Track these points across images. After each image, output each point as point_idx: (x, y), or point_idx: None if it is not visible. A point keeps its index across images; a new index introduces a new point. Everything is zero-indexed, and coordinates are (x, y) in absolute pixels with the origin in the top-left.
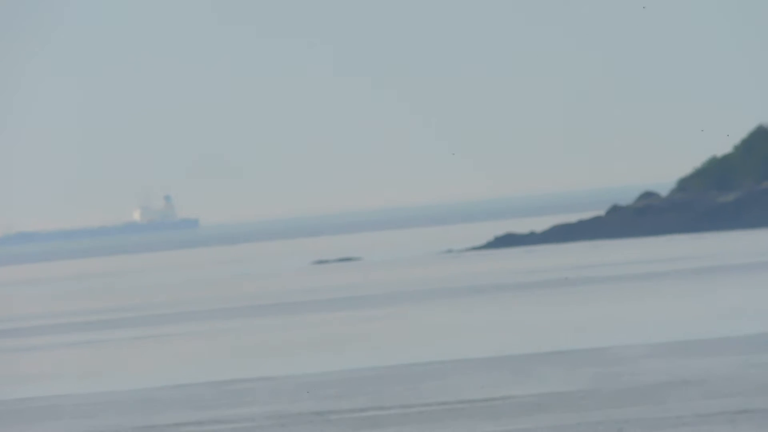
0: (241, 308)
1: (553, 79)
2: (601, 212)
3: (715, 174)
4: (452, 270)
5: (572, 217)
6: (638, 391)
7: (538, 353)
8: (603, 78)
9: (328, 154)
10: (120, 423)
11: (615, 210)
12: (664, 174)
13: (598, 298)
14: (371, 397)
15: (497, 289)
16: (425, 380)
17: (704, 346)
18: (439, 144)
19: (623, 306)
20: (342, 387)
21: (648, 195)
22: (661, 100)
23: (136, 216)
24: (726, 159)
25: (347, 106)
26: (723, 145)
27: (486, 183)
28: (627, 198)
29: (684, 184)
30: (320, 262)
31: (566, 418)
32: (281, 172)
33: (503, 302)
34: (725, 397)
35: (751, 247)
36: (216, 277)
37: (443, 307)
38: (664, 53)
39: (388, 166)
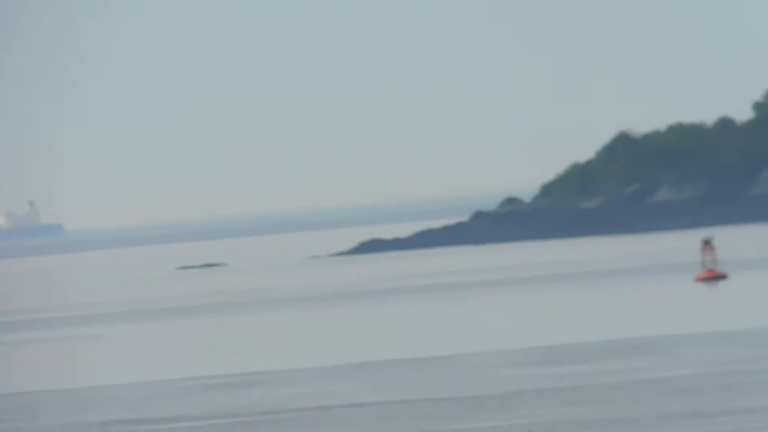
0: (98, 316)
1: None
2: (465, 218)
3: (577, 180)
4: (316, 276)
5: (437, 223)
6: (490, 398)
7: (393, 360)
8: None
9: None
10: None
11: (478, 216)
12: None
13: (454, 304)
14: (213, 404)
15: (360, 296)
16: (278, 387)
17: (558, 353)
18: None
19: (479, 312)
20: (194, 394)
21: (511, 201)
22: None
23: (1, 221)
24: (588, 165)
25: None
26: (585, 151)
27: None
28: (490, 204)
29: (547, 190)
30: (184, 268)
31: (413, 426)
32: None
33: (364, 308)
34: (576, 405)
35: (612, 253)
36: (77, 282)
37: (304, 313)
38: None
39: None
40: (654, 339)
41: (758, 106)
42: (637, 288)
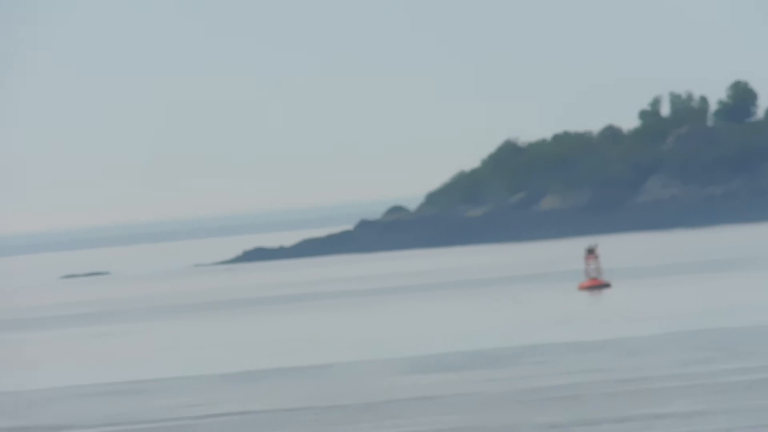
0: None
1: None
2: (350, 226)
3: (463, 188)
4: (200, 284)
5: (321, 232)
6: (370, 407)
7: (277, 368)
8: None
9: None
10: None
11: (364, 224)
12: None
13: (339, 312)
14: (98, 413)
15: (244, 304)
16: (163, 396)
17: (441, 362)
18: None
19: (363, 321)
20: (82, 402)
21: (396, 209)
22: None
23: None
24: (474, 173)
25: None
26: (471, 160)
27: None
28: (376, 212)
29: (432, 198)
30: (69, 276)
31: None
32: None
33: (249, 317)
34: (460, 413)
35: (497, 261)
36: None
37: (188, 322)
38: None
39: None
40: (536, 347)
41: (644, 115)
42: (521, 296)
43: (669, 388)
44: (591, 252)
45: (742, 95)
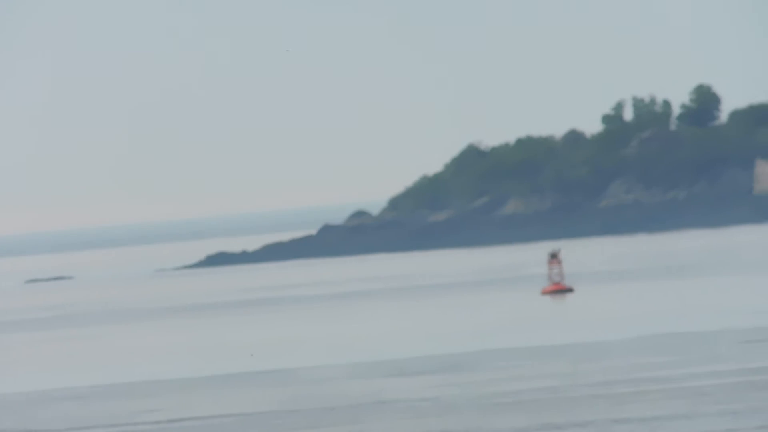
0: None
1: (259, 95)
2: (313, 231)
3: (426, 193)
4: (163, 289)
5: (284, 236)
6: (331, 411)
7: (233, 374)
8: (313, 94)
9: (41, 172)
10: None
11: (327, 229)
12: (375, 192)
13: (301, 317)
14: (63, 416)
15: (203, 309)
16: (116, 401)
17: (403, 366)
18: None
19: (326, 325)
20: (50, 406)
21: (360, 214)
22: (371, 118)
23: None
24: (437, 178)
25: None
26: (434, 164)
27: (196, 201)
28: (339, 217)
29: (395, 202)
30: (32, 281)
31: None
32: None
33: (211, 322)
34: (420, 418)
35: (460, 266)
36: None
37: (147, 327)
38: (377, 70)
39: (98, 185)
40: (499, 351)
41: (607, 119)
42: (484, 301)
43: (629, 392)
44: (554, 256)
45: (705, 99)
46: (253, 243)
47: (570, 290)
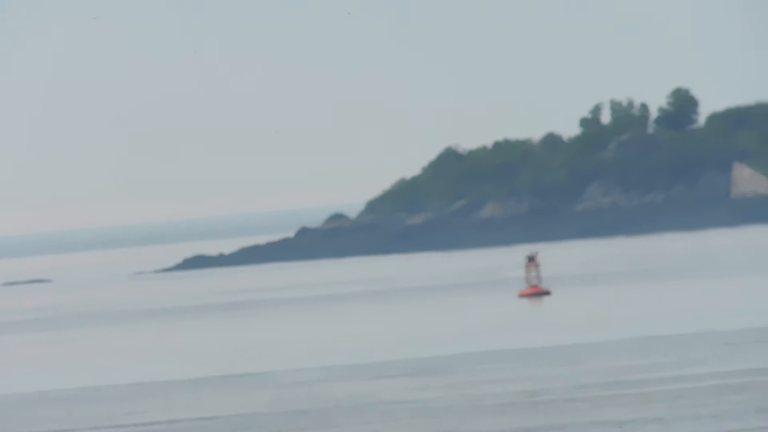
0: None
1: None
2: (291, 234)
3: (403, 195)
4: (141, 292)
5: (262, 239)
6: (306, 414)
7: (210, 377)
8: (290, 97)
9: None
10: None
11: (304, 232)
12: (353, 195)
13: (279, 320)
14: (41, 420)
15: (182, 312)
16: (92, 404)
17: (381, 369)
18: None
19: (303, 328)
20: (9, 410)
21: (337, 217)
22: (348, 120)
23: None
24: (414, 181)
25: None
26: (411, 167)
27: (173, 205)
28: (316, 219)
29: (373, 205)
30: (10, 283)
31: None
32: None
33: (185, 325)
34: (398, 420)
35: (438, 269)
36: None
37: (125, 330)
38: (354, 73)
39: (76, 188)
40: (476, 354)
41: (584, 122)
42: (462, 304)
43: (607, 395)
44: (531, 259)
45: (682, 102)
46: (230, 246)
47: (547, 293)
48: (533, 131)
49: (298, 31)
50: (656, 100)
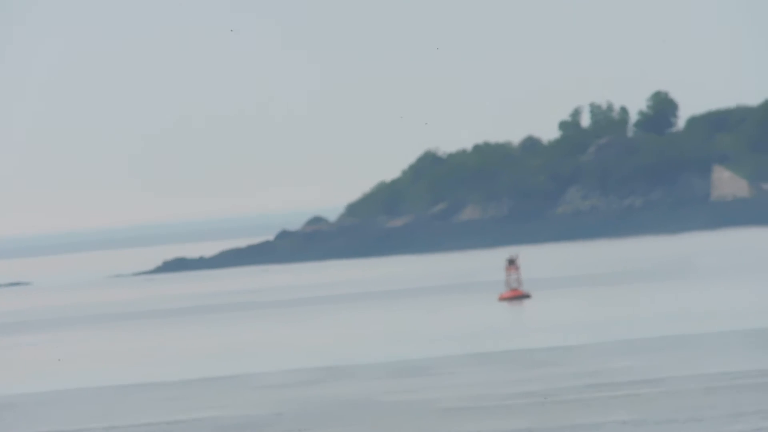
0: None
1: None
2: (271, 237)
3: (383, 199)
4: (120, 295)
5: (242, 242)
6: (284, 417)
7: (191, 379)
8: (269, 99)
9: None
10: None
11: (284, 235)
12: (333, 198)
13: (258, 323)
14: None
15: (159, 315)
16: (69, 407)
17: (359, 371)
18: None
19: (283, 331)
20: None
21: (317, 220)
22: (328, 123)
23: None
24: (394, 184)
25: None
26: (391, 170)
27: (153, 207)
28: (296, 223)
29: (353, 209)
30: None
31: None
32: None
33: (162, 328)
34: (374, 423)
35: (418, 271)
36: None
37: (103, 333)
38: (332, 75)
39: (55, 189)
40: (455, 358)
41: (564, 126)
42: (442, 307)
43: (582, 398)
44: (512, 262)
45: (662, 106)
46: (210, 249)
47: (527, 296)
48: (513, 135)
49: (277, 31)
50: (636, 104)
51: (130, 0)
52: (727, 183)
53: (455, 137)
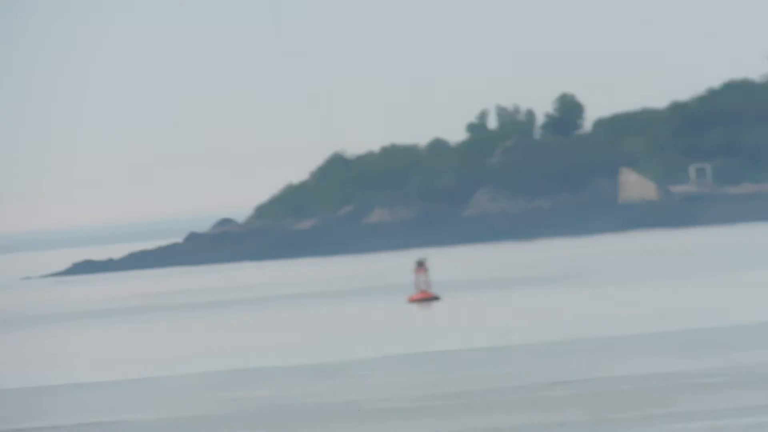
0: None
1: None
2: (179, 239)
3: (291, 201)
4: (28, 297)
5: (150, 245)
6: (192, 420)
7: (93, 383)
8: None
9: None
10: None
11: (193, 237)
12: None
13: (164, 325)
14: None
15: (67, 318)
16: None
17: (268, 375)
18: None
19: (189, 334)
20: None
21: (225, 222)
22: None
23: None
24: (302, 186)
25: None
26: (299, 172)
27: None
28: (205, 225)
29: (261, 210)
30: None
31: None
32: None
33: (69, 331)
34: (273, 426)
35: (326, 274)
36: None
37: (8, 335)
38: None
39: None
40: (363, 361)
41: (471, 128)
42: (350, 309)
43: (486, 402)
44: (420, 265)
45: (568, 108)
46: (119, 251)
47: (437, 298)
48: (420, 136)
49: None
50: (542, 106)
51: None
52: (634, 185)
53: (363, 139)
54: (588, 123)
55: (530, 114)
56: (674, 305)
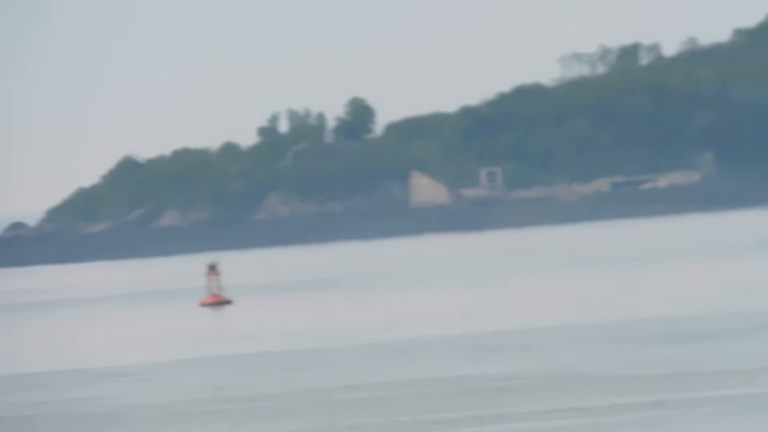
0: None
1: None
2: None
3: (83, 204)
4: None
5: None
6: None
7: None
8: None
9: None
10: None
11: None
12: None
13: None
14: None
15: None
16: None
17: (37, 380)
18: None
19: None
20: None
21: (16, 225)
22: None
23: None
24: (93, 189)
25: None
26: (90, 176)
27: None
28: None
29: (53, 214)
30: None
31: None
32: None
33: None
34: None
35: (117, 278)
36: None
37: None
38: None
39: None
40: (151, 365)
41: (263, 131)
42: (141, 313)
43: (277, 406)
44: (212, 268)
45: (359, 112)
46: None
47: (229, 302)
48: (212, 140)
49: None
50: (333, 110)
51: None
52: (425, 189)
53: (154, 143)
54: (379, 127)
55: (321, 118)
56: (463, 309)
